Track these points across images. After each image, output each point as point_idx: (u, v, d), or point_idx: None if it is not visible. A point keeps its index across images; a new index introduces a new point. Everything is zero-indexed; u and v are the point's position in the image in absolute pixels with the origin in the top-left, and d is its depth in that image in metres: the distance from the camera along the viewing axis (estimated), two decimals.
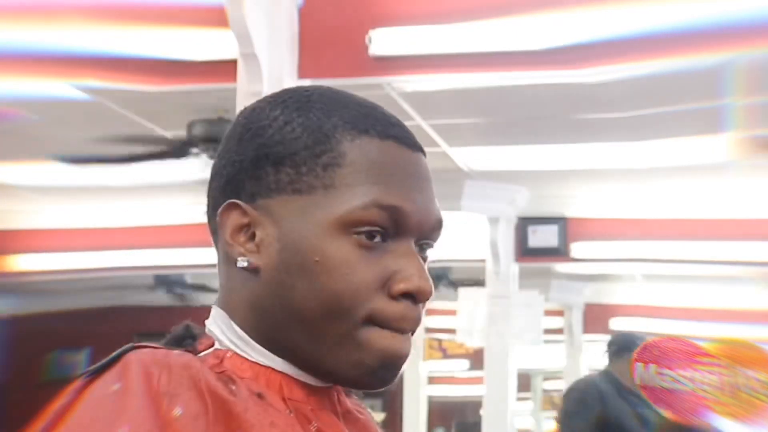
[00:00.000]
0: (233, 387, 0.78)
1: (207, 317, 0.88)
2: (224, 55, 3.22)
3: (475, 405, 10.69)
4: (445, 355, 12.29)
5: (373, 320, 0.81)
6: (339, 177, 0.81)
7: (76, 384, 0.75)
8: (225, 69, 3.15)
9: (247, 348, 0.83)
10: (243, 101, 2.67)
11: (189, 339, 0.87)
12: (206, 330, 0.86)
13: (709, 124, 4.27)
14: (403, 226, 0.82)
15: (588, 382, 4.75)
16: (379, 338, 0.81)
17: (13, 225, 6.59)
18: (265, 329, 0.82)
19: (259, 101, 0.90)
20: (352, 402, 0.91)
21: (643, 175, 5.39)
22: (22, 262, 6.86)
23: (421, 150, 0.87)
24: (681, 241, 6.31)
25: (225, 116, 4.11)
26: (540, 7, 3.25)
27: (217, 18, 2.98)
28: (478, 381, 8.52)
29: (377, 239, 0.81)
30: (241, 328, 0.83)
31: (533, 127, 4.51)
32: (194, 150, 4.29)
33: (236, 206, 0.83)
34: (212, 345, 0.85)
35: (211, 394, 0.75)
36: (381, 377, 0.82)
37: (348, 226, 0.80)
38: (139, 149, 4.37)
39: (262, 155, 0.83)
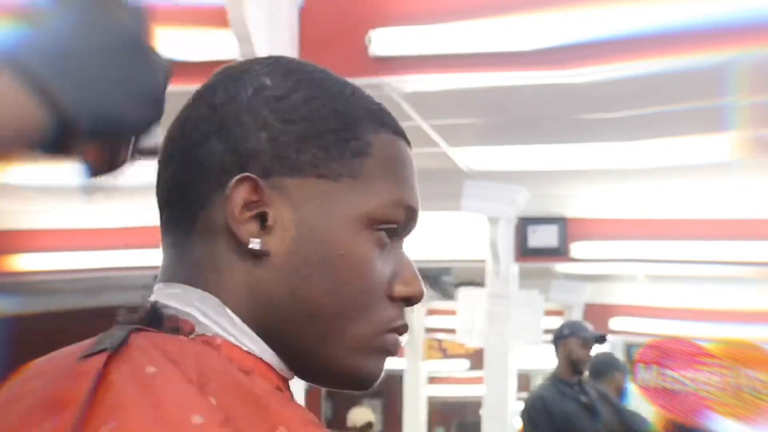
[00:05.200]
0: (251, 378, 0.72)
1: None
2: (224, 56, 3.22)
3: (475, 405, 10.70)
4: (445, 355, 12.30)
5: (380, 323, 0.77)
6: (367, 168, 0.76)
7: (86, 367, 0.71)
8: None
9: (242, 336, 0.74)
10: None
11: (156, 321, 0.75)
12: (175, 311, 0.75)
13: (710, 124, 4.26)
14: (409, 227, 0.80)
15: (532, 397, 4.95)
16: (381, 342, 0.78)
17: (13, 225, 6.59)
18: (263, 318, 0.75)
19: (250, 62, 0.80)
20: None
21: (643, 175, 5.38)
22: (23, 262, 6.86)
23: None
24: (682, 241, 6.30)
25: None
26: (540, 6, 3.25)
27: (217, 18, 2.98)
28: (478, 381, 8.53)
29: (389, 238, 0.78)
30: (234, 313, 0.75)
31: (533, 127, 4.50)
32: None
33: (249, 180, 0.74)
34: (182, 329, 0.75)
35: (237, 387, 0.70)
36: (367, 382, 0.79)
37: (374, 222, 0.76)
38: None
39: (282, 129, 0.75)
